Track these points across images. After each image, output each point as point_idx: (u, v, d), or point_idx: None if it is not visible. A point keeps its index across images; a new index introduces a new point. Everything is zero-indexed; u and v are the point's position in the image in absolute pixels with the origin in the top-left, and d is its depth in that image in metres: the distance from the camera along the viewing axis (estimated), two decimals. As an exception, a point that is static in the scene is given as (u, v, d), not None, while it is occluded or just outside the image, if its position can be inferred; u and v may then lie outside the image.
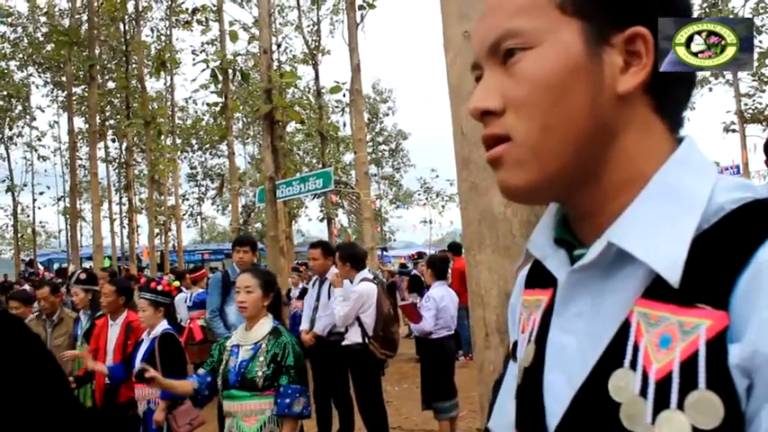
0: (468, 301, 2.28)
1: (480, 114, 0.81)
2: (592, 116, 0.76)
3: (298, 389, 3.75)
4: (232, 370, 3.84)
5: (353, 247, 7.42)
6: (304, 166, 28.31)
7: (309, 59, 24.59)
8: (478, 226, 2.15)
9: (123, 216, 31.56)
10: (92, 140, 18.89)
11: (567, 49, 0.76)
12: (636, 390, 0.69)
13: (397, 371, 10.54)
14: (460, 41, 2.23)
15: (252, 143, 38.18)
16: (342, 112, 28.15)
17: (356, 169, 15.98)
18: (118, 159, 30.71)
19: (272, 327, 3.93)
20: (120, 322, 5.75)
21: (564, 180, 0.78)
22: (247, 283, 3.97)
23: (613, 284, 0.75)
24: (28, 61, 28.33)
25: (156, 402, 5.03)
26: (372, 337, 6.28)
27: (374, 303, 6.33)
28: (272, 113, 10.14)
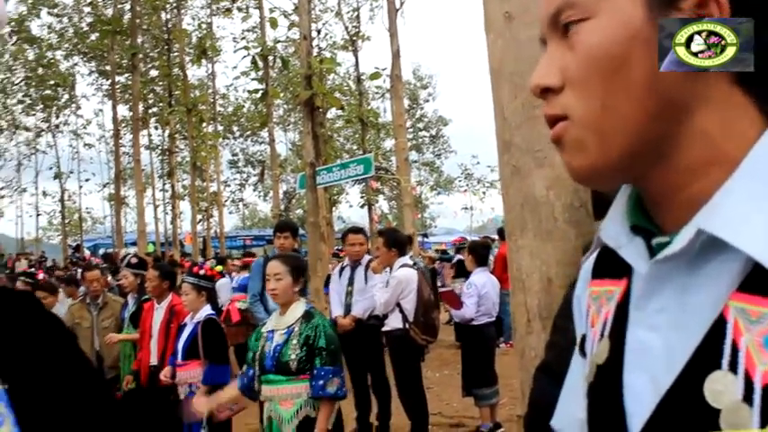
0: (510, 286, 2.26)
1: (540, 91, 0.77)
2: (656, 91, 0.69)
3: (331, 370, 3.77)
4: (268, 355, 3.88)
5: (397, 231, 7.41)
6: (344, 152, 28.43)
7: (349, 46, 24.55)
8: (520, 210, 2.12)
9: (166, 202, 32.07)
10: (135, 128, 19.21)
11: (626, 17, 0.70)
12: (738, 395, 0.61)
13: (438, 357, 10.54)
14: (501, 22, 2.20)
15: (292, 130, 38.40)
16: (382, 98, 28.15)
17: (396, 155, 15.95)
18: (161, 146, 31.22)
19: (304, 310, 3.96)
20: (165, 306, 5.86)
21: (630, 162, 0.72)
22: (276, 270, 4.00)
23: (702, 277, 0.67)
24: (73, 51, 28.78)
25: (197, 386, 5.10)
26: (413, 323, 6.27)
27: (414, 289, 6.31)
28: (313, 100, 10.13)
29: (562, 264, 2.03)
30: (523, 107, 2.01)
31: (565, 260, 2.02)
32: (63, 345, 0.93)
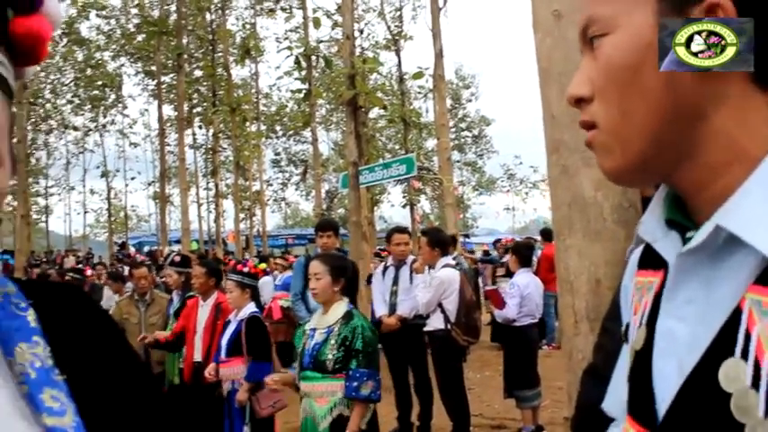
0: (557, 287, 2.24)
1: (575, 101, 0.83)
2: (671, 96, 0.74)
3: (366, 372, 3.77)
4: (307, 352, 3.92)
5: (441, 231, 7.39)
6: (386, 152, 28.43)
7: (392, 45, 24.56)
8: (568, 210, 2.10)
9: (210, 201, 32.44)
10: (180, 127, 19.46)
11: (639, 29, 0.75)
12: (748, 381, 0.65)
13: (479, 358, 10.48)
14: (550, 21, 2.18)
15: (335, 129, 38.47)
16: (424, 98, 28.14)
17: (439, 155, 15.92)
18: (205, 145, 31.54)
19: (345, 311, 3.97)
20: (211, 303, 5.89)
21: (653, 162, 0.78)
22: (316, 270, 4.03)
23: (724, 270, 0.72)
24: (120, 52, 29.26)
25: (240, 383, 5.15)
26: (455, 324, 6.26)
27: (456, 289, 6.29)
28: (356, 99, 10.17)
29: (611, 264, 2.01)
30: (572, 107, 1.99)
31: (614, 261, 2.00)
32: (114, 339, 0.95)
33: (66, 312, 0.90)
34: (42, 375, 0.79)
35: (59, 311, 0.88)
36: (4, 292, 0.85)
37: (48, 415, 0.77)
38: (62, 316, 0.88)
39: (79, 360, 0.85)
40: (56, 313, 0.87)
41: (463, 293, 6.31)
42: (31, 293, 0.87)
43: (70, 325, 0.88)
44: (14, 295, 0.85)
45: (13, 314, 0.83)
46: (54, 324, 0.86)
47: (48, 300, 0.88)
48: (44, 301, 0.87)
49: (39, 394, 0.78)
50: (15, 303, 0.84)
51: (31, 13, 0.79)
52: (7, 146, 0.77)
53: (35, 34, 0.79)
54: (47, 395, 0.78)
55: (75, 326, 0.89)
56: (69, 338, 0.86)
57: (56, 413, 0.77)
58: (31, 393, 0.77)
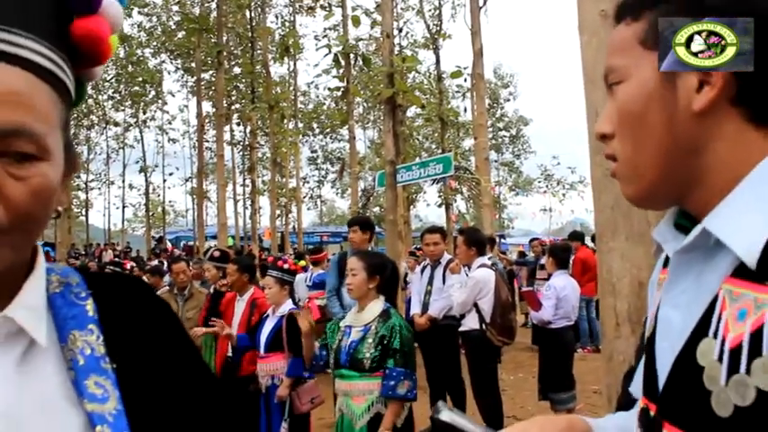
0: (599, 289, 2.23)
1: (600, 137, 0.98)
2: (672, 134, 0.88)
3: (403, 372, 3.76)
4: (343, 350, 3.92)
5: (479, 231, 7.39)
6: (423, 151, 28.37)
7: (430, 44, 24.48)
8: (612, 212, 2.09)
9: (246, 197, 32.64)
10: (218, 124, 19.61)
11: (644, 79, 0.89)
12: (715, 355, 0.80)
13: (513, 359, 10.44)
14: (596, 21, 2.17)
15: (372, 128, 38.52)
16: (462, 97, 27.97)
17: (476, 155, 15.84)
18: (242, 142, 31.77)
19: (382, 309, 3.97)
20: (246, 298, 5.97)
21: (664, 190, 0.92)
22: (352, 266, 4.05)
23: (712, 265, 0.85)
24: (161, 48, 29.54)
25: (280, 378, 5.19)
26: (490, 324, 6.25)
27: (492, 290, 6.28)
28: (394, 98, 10.16)
29: (653, 268, 1.99)
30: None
31: (656, 264, 1.98)
32: (173, 332, 0.97)
33: (126, 303, 0.92)
34: (91, 362, 0.83)
35: (120, 302, 0.91)
36: (66, 282, 0.88)
37: (89, 401, 0.80)
38: (121, 306, 0.91)
39: (132, 350, 0.88)
40: (115, 304, 0.90)
41: (499, 294, 6.29)
42: (93, 284, 0.90)
43: (128, 316, 0.91)
44: (76, 285, 0.89)
45: (72, 303, 0.86)
46: (113, 314, 0.89)
47: (109, 291, 0.91)
48: (106, 292, 0.90)
49: (84, 380, 0.81)
50: (76, 293, 0.88)
51: (90, 15, 0.81)
52: (59, 141, 0.79)
53: (94, 35, 0.82)
54: (91, 381, 0.81)
55: (133, 317, 0.91)
56: (126, 328, 0.89)
57: (98, 400, 0.81)
58: (77, 379, 0.81)
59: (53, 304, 0.85)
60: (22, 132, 0.73)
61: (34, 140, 0.74)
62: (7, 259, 0.76)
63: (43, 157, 0.76)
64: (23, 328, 0.79)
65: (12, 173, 0.73)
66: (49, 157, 0.77)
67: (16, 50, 0.74)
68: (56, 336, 0.83)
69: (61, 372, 0.82)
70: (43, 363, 0.81)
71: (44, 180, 0.76)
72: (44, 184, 0.76)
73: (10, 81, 0.73)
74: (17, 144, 0.73)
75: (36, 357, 0.80)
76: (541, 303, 6.62)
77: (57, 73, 0.79)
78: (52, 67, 0.78)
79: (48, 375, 0.80)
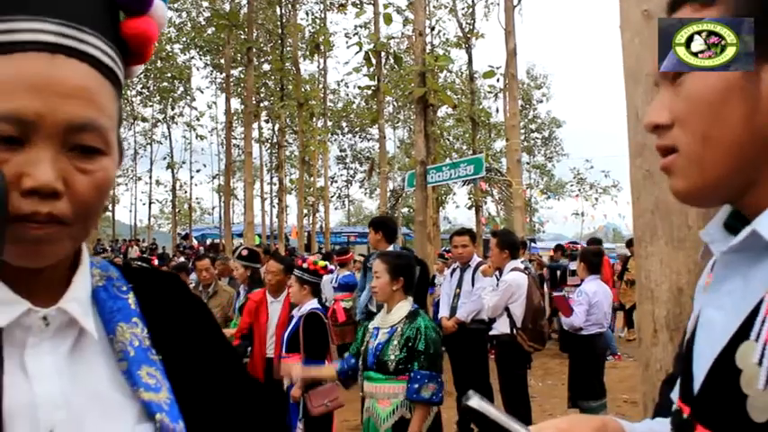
0: (636, 294, 2.21)
1: (653, 128, 0.93)
2: (749, 129, 0.84)
3: (427, 374, 3.73)
4: (370, 352, 3.91)
5: (512, 234, 7.33)
6: (454, 151, 28.32)
7: (463, 43, 24.44)
8: (651, 216, 2.07)
9: (273, 195, 32.87)
10: (247, 121, 19.73)
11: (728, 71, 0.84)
12: (755, 358, 0.78)
13: (542, 366, 10.38)
14: (640, 21, 2.15)
15: (402, 127, 38.58)
16: (494, 98, 27.96)
17: (507, 157, 15.79)
18: (270, 140, 31.99)
19: (409, 311, 3.95)
20: (283, 299, 5.88)
21: (726, 185, 0.88)
22: (376, 269, 4.04)
23: (760, 269, 0.84)
24: (190, 45, 29.83)
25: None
26: (521, 329, 6.22)
27: (524, 294, 6.25)
28: (426, 97, 10.17)
29: (694, 273, 1.97)
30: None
31: (697, 270, 1.96)
32: (208, 327, 0.99)
33: (165, 298, 0.94)
34: (140, 353, 0.85)
35: (158, 297, 0.93)
36: (108, 276, 0.90)
37: (145, 390, 0.82)
38: (160, 301, 0.93)
39: (174, 343, 0.90)
40: (154, 298, 0.92)
41: (531, 298, 6.26)
42: (131, 278, 0.92)
43: (167, 310, 0.93)
44: (117, 279, 0.91)
45: (116, 296, 0.88)
46: (152, 308, 0.91)
47: (147, 285, 0.93)
48: (144, 286, 0.92)
49: (137, 371, 0.83)
50: (118, 286, 0.90)
51: (140, 15, 0.84)
52: (116, 136, 0.81)
53: (144, 34, 0.85)
54: (144, 372, 0.83)
55: (172, 311, 0.93)
56: (166, 322, 0.91)
57: (152, 389, 0.83)
58: (130, 370, 0.83)
59: (97, 297, 0.87)
60: (92, 127, 0.76)
61: (101, 135, 0.77)
62: (65, 251, 0.78)
63: (106, 151, 0.79)
64: (76, 319, 0.80)
65: (79, 167, 0.76)
66: (111, 151, 0.80)
67: (85, 48, 0.77)
68: (103, 328, 0.85)
69: (111, 363, 0.83)
70: (93, 354, 0.82)
71: (106, 174, 0.78)
72: (106, 178, 0.78)
73: (82, 77, 0.76)
74: (86, 138, 0.76)
75: (86, 349, 0.82)
76: (572, 309, 6.57)
77: (115, 70, 0.82)
78: (112, 65, 0.81)
79: (99, 366, 0.82)
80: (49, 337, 0.79)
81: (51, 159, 0.73)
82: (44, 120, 0.72)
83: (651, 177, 2.08)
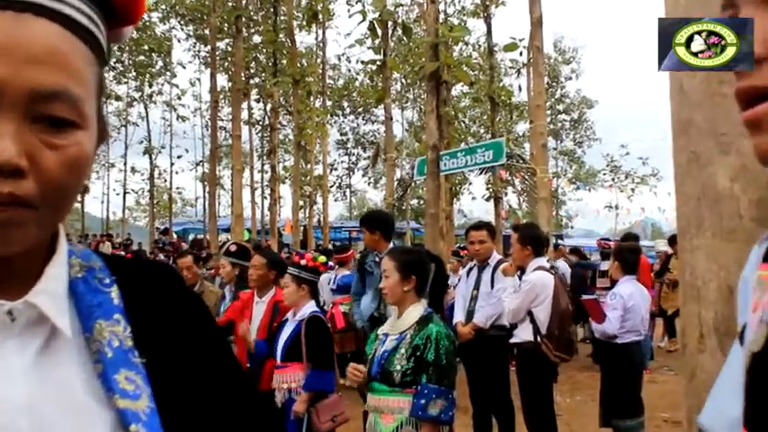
0: (680, 294, 2.19)
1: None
2: None
3: (435, 389, 3.70)
4: (376, 360, 3.91)
5: (536, 228, 7.29)
6: (470, 135, 28.30)
7: (481, 11, 24.38)
8: (697, 204, 2.06)
9: (265, 185, 32.83)
10: (235, 100, 19.75)
11: None
12: None
13: (570, 379, 10.38)
14: (684, -22, 2.13)
15: (411, 108, 38.55)
16: (517, 74, 27.83)
17: (531, 141, 15.79)
18: (262, 122, 31.99)
19: (421, 315, 3.93)
20: (267, 300, 5.88)
21: None
22: (384, 267, 4.05)
23: None
24: (170, 13, 29.85)
25: (297, 392, 5.16)
26: (546, 336, 6.20)
27: (550, 296, 6.23)
28: (438, 73, 10.16)
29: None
30: (707, 82, 1.94)
31: (751, 266, 1.94)
32: (204, 325, 0.98)
33: (154, 292, 0.93)
34: (119, 355, 0.84)
35: (146, 291, 0.93)
36: (89, 267, 0.89)
37: (121, 397, 0.81)
38: (149, 296, 0.92)
39: (162, 344, 0.89)
40: (142, 292, 0.92)
41: (558, 302, 6.24)
42: (116, 270, 0.91)
43: (156, 306, 0.92)
44: (99, 270, 0.90)
45: (96, 289, 0.87)
46: (139, 303, 0.90)
47: (135, 278, 0.92)
48: (130, 278, 0.92)
49: (113, 374, 0.82)
50: (99, 279, 0.89)
51: None
52: (95, 108, 0.80)
53: None
54: (122, 376, 0.82)
55: (161, 307, 0.93)
56: (154, 320, 0.90)
57: (130, 396, 0.81)
58: (106, 373, 0.82)
59: (75, 290, 0.86)
60: (62, 96, 0.74)
61: (73, 105, 0.76)
62: (33, 238, 0.77)
63: (80, 124, 0.77)
64: (46, 315, 0.80)
65: (47, 141, 0.74)
66: (86, 124, 0.78)
67: (57, 5, 0.75)
68: (79, 325, 0.84)
69: (86, 364, 0.83)
70: (66, 354, 0.82)
71: (80, 150, 0.77)
72: (80, 154, 0.77)
73: (50, 39, 0.74)
74: (56, 109, 0.74)
75: (59, 348, 0.81)
76: (605, 314, 6.56)
77: (93, 31, 0.80)
78: (90, 25, 0.79)
79: (72, 368, 0.81)
80: (15, 335, 0.78)
81: (13, 132, 0.72)
82: (5, 86, 0.71)
83: (697, 160, 2.06)
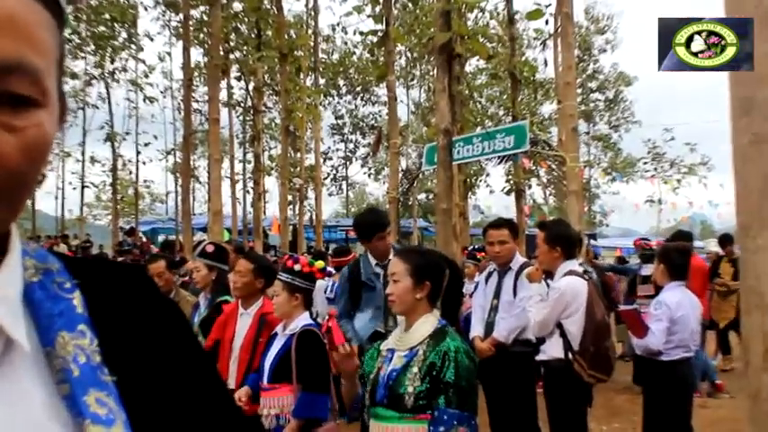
0: (742, 302, 2.18)
1: None
2: None
3: (456, 415, 3.66)
4: (381, 381, 3.86)
5: (566, 226, 7.21)
6: (487, 118, 28.32)
7: (500, -27, 24.42)
8: (761, 196, 2.05)
9: (248, 177, 32.85)
10: (212, 78, 19.65)
11: None
12: None
13: (606, 404, 10.38)
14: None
15: (418, 86, 38.58)
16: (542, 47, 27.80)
17: (560, 125, 15.75)
18: (243, 103, 31.93)
19: (435, 327, 3.89)
20: (253, 312, 5.85)
21: None
22: (393, 270, 4.01)
23: None
24: (136, -25, 29.83)
25: (286, 418, 5.14)
26: (578, 353, 6.20)
27: (583, 306, 6.22)
28: (450, 45, 10.13)
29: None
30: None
31: (823, 269, 1.93)
32: (180, 334, 0.98)
33: (123, 298, 0.92)
34: (88, 373, 0.83)
35: (114, 297, 0.91)
36: (45, 269, 0.88)
37: (93, 423, 0.80)
38: (117, 303, 0.91)
39: (135, 359, 0.88)
40: (109, 299, 0.90)
41: (592, 312, 6.23)
42: (78, 272, 0.90)
43: (126, 314, 0.91)
44: (58, 273, 0.89)
45: (56, 296, 0.86)
46: (106, 312, 0.89)
47: (100, 281, 0.91)
48: (95, 282, 0.90)
49: (82, 396, 0.81)
50: (59, 283, 0.88)
51: None
52: (55, 82, 0.80)
53: None
54: (92, 398, 0.81)
55: (132, 316, 0.92)
56: (124, 331, 0.89)
57: (103, 421, 0.80)
58: (74, 395, 0.81)
59: (31, 297, 0.85)
60: (21, 69, 0.74)
61: (33, 80, 0.75)
62: None
63: (41, 102, 0.77)
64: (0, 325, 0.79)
65: (4, 122, 0.74)
66: (47, 102, 0.78)
67: None
68: (38, 338, 0.83)
69: (49, 384, 0.82)
70: (25, 371, 0.81)
71: (41, 132, 0.77)
72: (41, 137, 0.77)
73: (8, 3, 0.74)
74: (13, 84, 0.74)
75: (15, 365, 0.81)
76: (647, 327, 6.55)
77: None
78: None
79: (32, 388, 0.81)
80: None
81: None
82: None
83: (759, 144, 2.06)
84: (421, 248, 4.90)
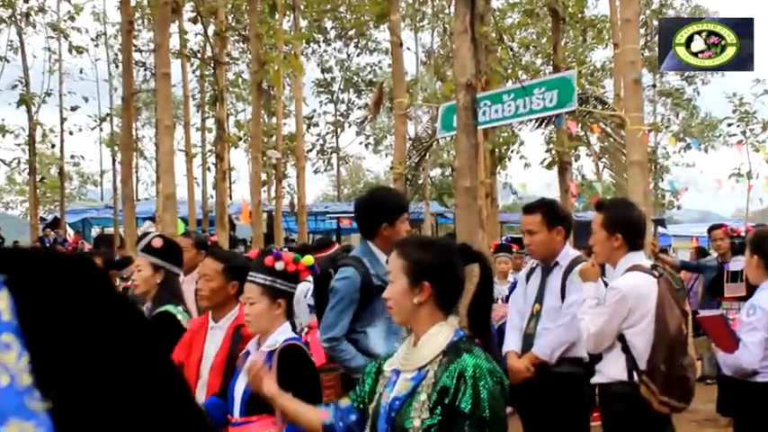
0: None
1: None
2: None
3: None
4: (382, 410, 3.81)
5: (630, 207, 6.96)
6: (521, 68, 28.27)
7: None
8: None
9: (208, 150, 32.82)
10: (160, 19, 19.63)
11: None
12: None
13: (685, 438, 10.43)
14: None
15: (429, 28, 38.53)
16: (592, -25, 27.89)
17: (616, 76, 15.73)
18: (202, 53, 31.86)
19: (450, 341, 3.78)
20: (226, 326, 5.86)
21: None
22: (391, 266, 3.97)
23: None
24: None
25: (266, 457, 5.15)
26: (646, 373, 6.20)
27: (652, 312, 6.22)
28: (473, -27, 10.13)
29: None
30: None
31: None
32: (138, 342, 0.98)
33: (62, 299, 0.92)
34: (10, 399, 0.82)
35: (51, 298, 0.91)
36: None
37: None
38: (57, 304, 0.91)
39: (80, 377, 0.88)
40: (46, 300, 0.90)
41: (664, 321, 6.22)
42: (5, 266, 0.89)
43: (70, 319, 0.91)
44: None
45: None
46: (42, 317, 0.88)
47: (32, 278, 0.91)
48: (26, 279, 0.90)
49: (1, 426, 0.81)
50: None
51: None
52: None
53: None
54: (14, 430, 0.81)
55: (77, 321, 0.91)
56: (67, 341, 0.89)
57: None
58: None
59: None
60: None
61: None
62: None
63: None
64: None
65: None
66: None
67: None
68: None
69: None
70: None
71: None
72: None
73: None
74: None
75: None
76: (738, 339, 6.55)
77: None
78: None
79: None
80: None
81: None
82: None
83: None
84: (426, 239, 4.68)
